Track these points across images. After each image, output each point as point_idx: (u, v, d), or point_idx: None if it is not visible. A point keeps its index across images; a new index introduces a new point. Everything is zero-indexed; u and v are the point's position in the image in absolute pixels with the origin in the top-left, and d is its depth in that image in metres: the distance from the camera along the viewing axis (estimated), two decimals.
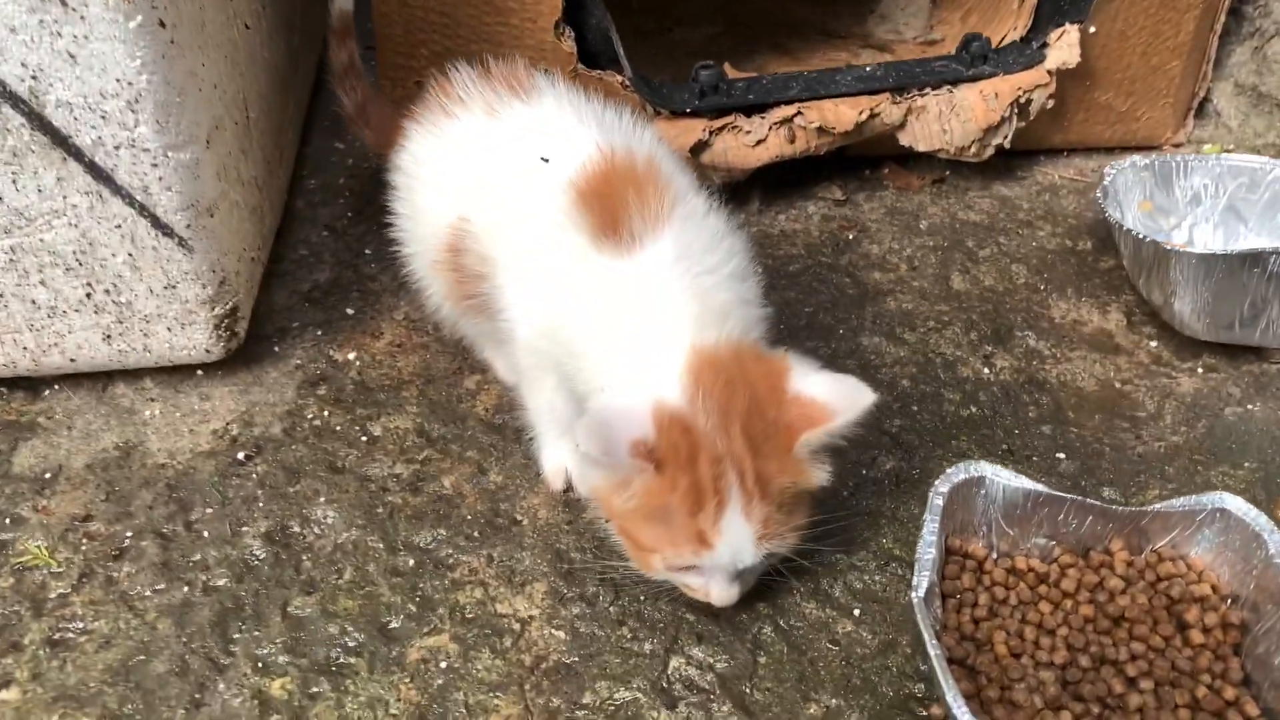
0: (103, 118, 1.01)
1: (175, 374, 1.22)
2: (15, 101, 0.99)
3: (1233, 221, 1.40)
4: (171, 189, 1.06)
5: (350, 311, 1.33)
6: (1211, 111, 1.67)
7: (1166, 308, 1.29)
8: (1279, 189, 1.40)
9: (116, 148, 1.03)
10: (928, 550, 0.89)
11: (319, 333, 1.29)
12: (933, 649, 0.81)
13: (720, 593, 0.92)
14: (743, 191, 1.51)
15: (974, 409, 1.22)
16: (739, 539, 0.87)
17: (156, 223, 1.08)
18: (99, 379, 1.21)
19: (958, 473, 0.95)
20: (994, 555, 0.98)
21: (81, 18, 0.96)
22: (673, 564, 0.90)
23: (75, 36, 0.97)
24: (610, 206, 0.93)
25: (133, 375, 1.22)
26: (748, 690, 0.94)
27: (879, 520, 1.08)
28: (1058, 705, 0.86)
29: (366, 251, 1.42)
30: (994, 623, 0.92)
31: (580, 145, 0.99)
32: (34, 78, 0.98)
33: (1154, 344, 1.31)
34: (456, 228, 1.05)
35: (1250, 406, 1.23)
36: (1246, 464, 1.16)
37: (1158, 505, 0.96)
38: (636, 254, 0.93)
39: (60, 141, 1.02)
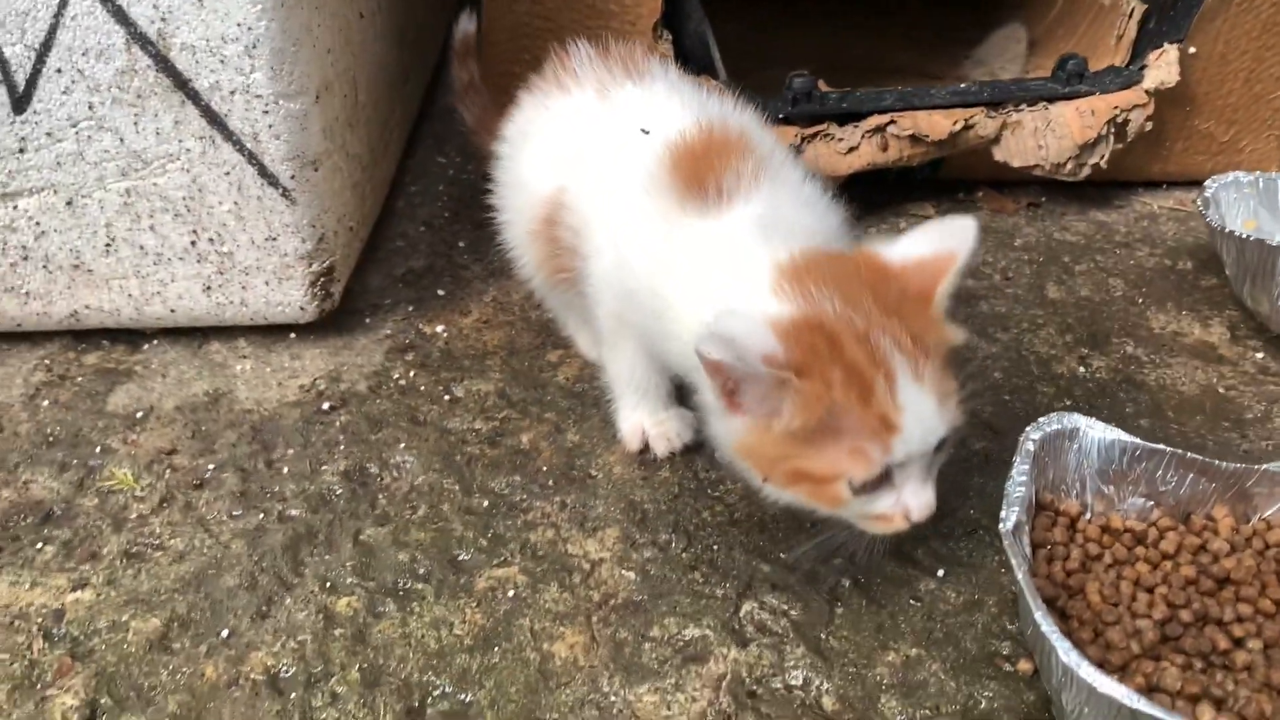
0: (222, 62, 1.07)
1: (269, 335, 1.25)
2: (145, 43, 1.06)
3: None
4: (280, 137, 1.11)
5: (441, 293, 1.35)
6: None
7: (1274, 314, 1.24)
8: None
9: (232, 93, 1.08)
10: (1017, 488, 0.85)
11: (410, 309, 1.32)
12: (1019, 570, 0.77)
13: (920, 495, 0.82)
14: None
15: (1068, 402, 1.18)
16: (922, 408, 0.79)
17: (263, 171, 1.12)
18: (196, 336, 1.25)
19: (1050, 423, 0.92)
20: (1088, 515, 0.93)
21: None
22: (861, 479, 0.80)
23: None
24: (702, 170, 0.93)
25: (228, 334, 1.25)
26: (823, 636, 0.90)
27: (966, 493, 1.04)
28: (1157, 655, 0.80)
29: (460, 244, 1.45)
30: (1086, 575, 0.87)
31: (680, 119, 1.00)
32: (163, 19, 1.04)
33: (1260, 355, 1.26)
34: (553, 199, 1.06)
35: None
36: None
37: (1266, 465, 0.90)
38: (726, 213, 0.93)
39: (181, 85, 1.08)
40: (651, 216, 0.95)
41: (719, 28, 1.44)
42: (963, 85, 1.48)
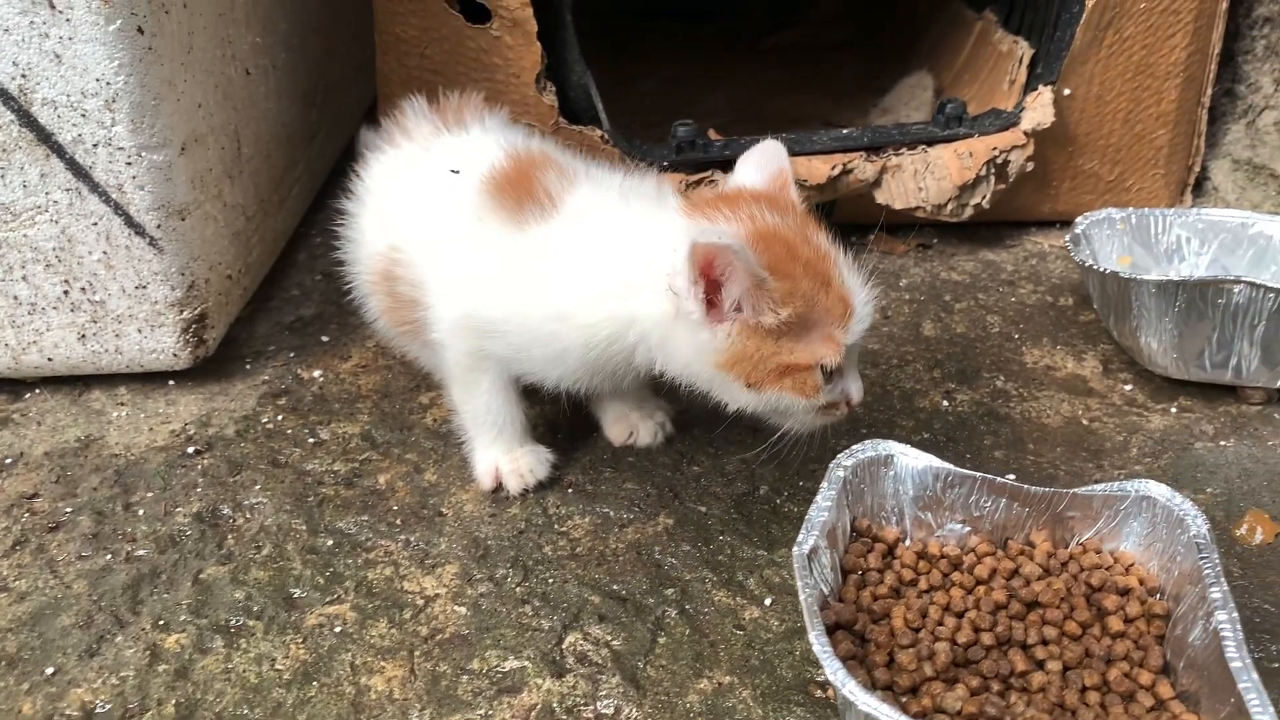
0: (83, 116, 1.10)
1: (149, 382, 1.27)
2: (6, 98, 1.09)
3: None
4: (144, 188, 1.14)
5: (325, 339, 1.37)
6: (1210, 188, 1.66)
7: (1135, 345, 1.26)
8: (1263, 244, 1.37)
9: (95, 145, 1.12)
10: (820, 513, 0.87)
11: (292, 355, 1.34)
12: (803, 593, 0.78)
13: (857, 381, 0.95)
14: None
15: (926, 435, 1.19)
16: (862, 291, 0.92)
17: (129, 221, 1.15)
18: (77, 385, 1.27)
19: (864, 450, 0.93)
20: (906, 541, 0.94)
21: (67, 20, 1.06)
22: (833, 362, 0.90)
23: (61, 38, 1.07)
24: (525, 186, 0.98)
25: (110, 382, 1.27)
26: (641, 666, 0.90)
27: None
28: (954, 678, 0.81)
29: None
30: (895, 601, 0.88)
31: (489, 154, 1.05)
32: (24, 76, 1.08)
33: (1129, 387, 1.28)
34: (387, 255, 1.09)
35: (1223, 442, 1.18)
36: (1210, 489, 1.10)
37: (1076, 489, 0.92)
38: (563, 209, 0.99)
39: (45, 138, 1.11)
40: (491, 241, 0.99)
41: (636, 84, 1.47)
42: (844, 131, 1.51)
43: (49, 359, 1.22)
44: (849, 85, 2.11)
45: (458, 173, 1.04)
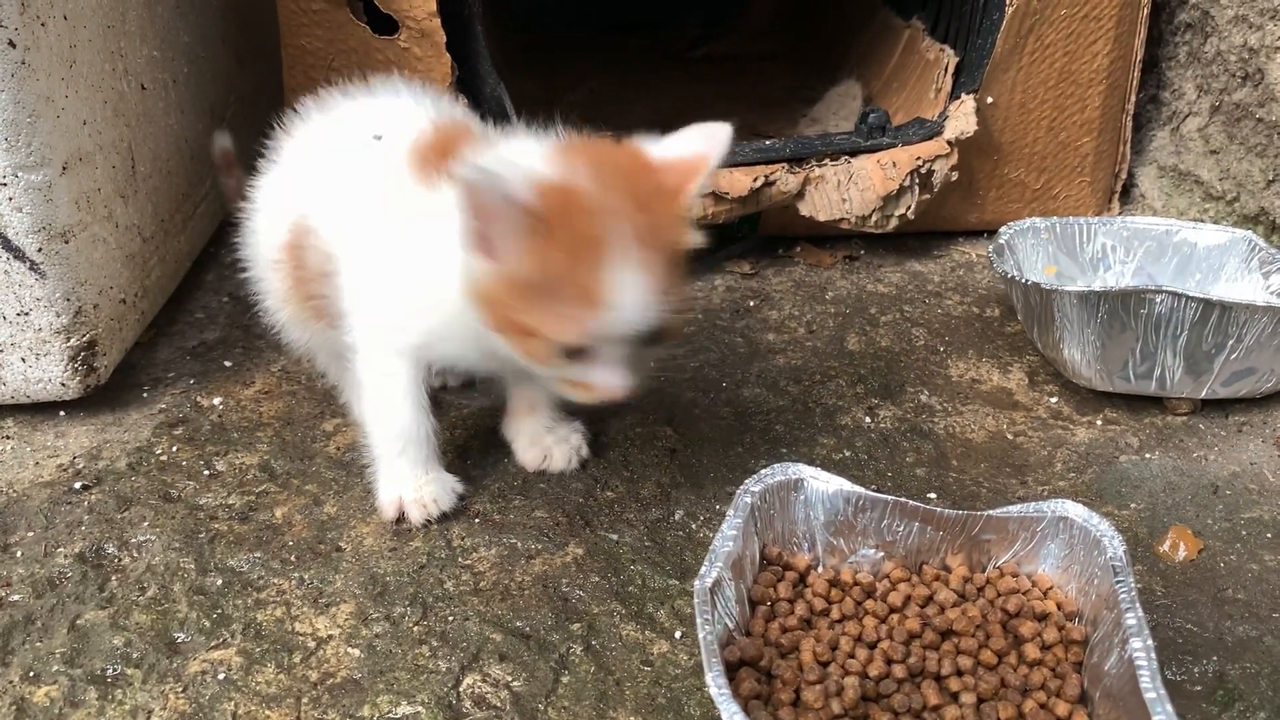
0: None
1: (37, 413, 1.21)
2: None
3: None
4: (22, 210, 1.08)
5: (228, 364, 1.32)
6: (1137, 195, 1.65)
7: (1059, 357, 1.23)
8: (1187, 252, 1.36)
9: None
10: (725, 544, 0.83)
11: (191, 381, 1.28)
12: (702, 630, 0.74)
13: (613, 376, 0.88)
14: None
15: (847, 453, 1.16)
16: (636, 293, 0.84)
17: (7, 245, 1.09)
18: None
19: (773, 474, 0.89)
20: (819, 568, 0.90)
21: None
22: (564, 343, 0.86)
23: None
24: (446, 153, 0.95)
25: None
26: (542, 708, 0.86)
27: None
28: (860, 714, 0.77)
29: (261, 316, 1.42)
30: (805, 633, 0.84)
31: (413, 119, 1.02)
32: None
33: (1054, 400, 1.25)
34: (297, 224, 1.05)
35: (1148, 455, 1.16)
36: (1134, 504, 1.08)
37: (991, 510, 0.88)
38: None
39: None
40: (406, 204, 0.96)
41: (563, 95, 1.43)
42: (767, 142, 1.48)
43: None
44: (778, 96, 2.09)
45: (380, 138, 1.00)
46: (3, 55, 1.03)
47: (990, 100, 1.48)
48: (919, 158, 1.46)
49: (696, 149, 0.90)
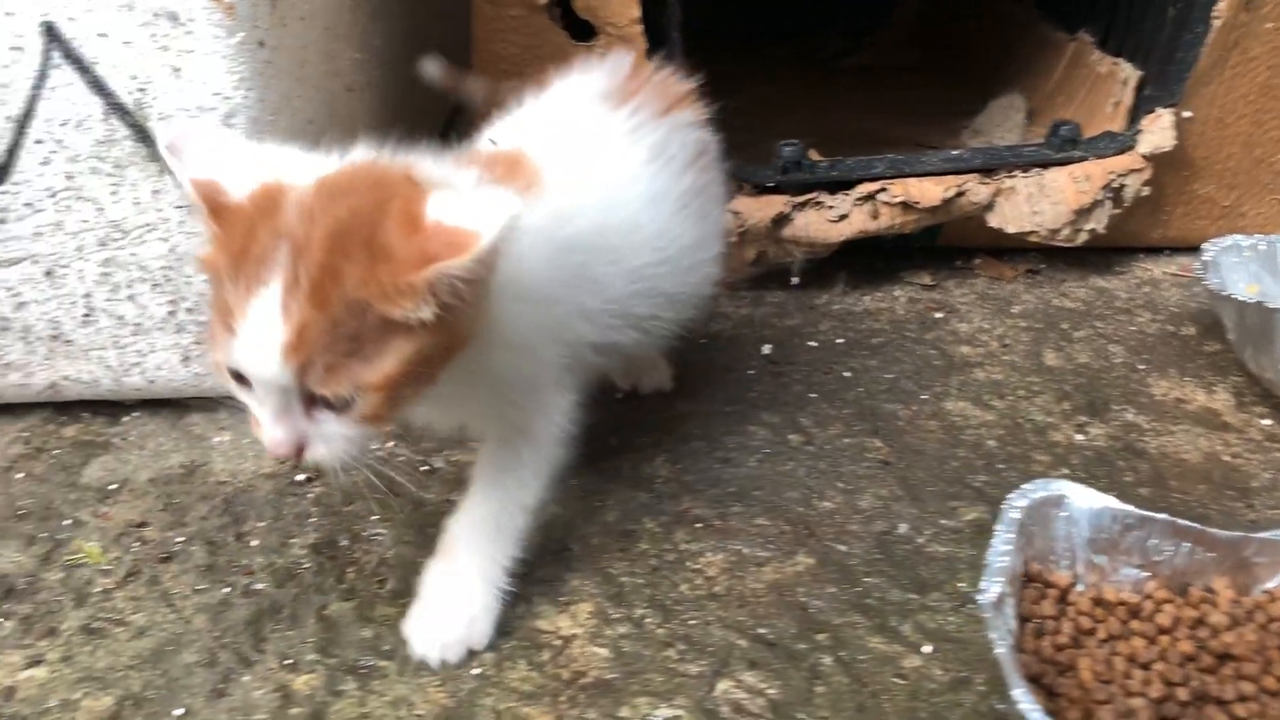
0: None
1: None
2: (122, 113, 1.06)
3: None
4: None
5: None
6: None
7: (1279, 379, 1.20)
8: None
9: None
10: (999, 558, 0.81)
11: None
12: (999, 646, 0.73)
13: (266, 429, 0.77)
14: (828, 272, 1.49)
15: (1066, 470, 1.14)
16: (261, 336, 0.72)
17: None
18: (176, 409, 1.23)
19: (1035, 489, 0.88)
20: (1080, 586, 0.89)
21: (189, 32, 1.03)
22: (211, 353, 0.77)
23: (181, 50, 1.03)
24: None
25: (208, 406, 1.23)
26: (803, 717, 0.85)
27: (955, 565, 1.00)
28: None
29: None
30: (1078, 651, 0.83)
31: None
32: (141, 89, 1.05)
33: (1267, 422, 1.22)
34: None
35: None
36: None
37: (1265, 533, 0.86)
38: None
39: (159, 155, 1.07)
40: None
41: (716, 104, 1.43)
42: (955, 152, 1.47)
43: (150, 381, 1.19)
44: (926, 107, 2.07)
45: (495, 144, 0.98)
46: (253, 55, 1.05)
47: (1188, 115, 1.45)
48: (1112, 172, 1.43)
49: (475, 221, 0.72)
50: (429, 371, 0.77)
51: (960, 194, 1.42)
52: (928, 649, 0.91)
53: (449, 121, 1.75)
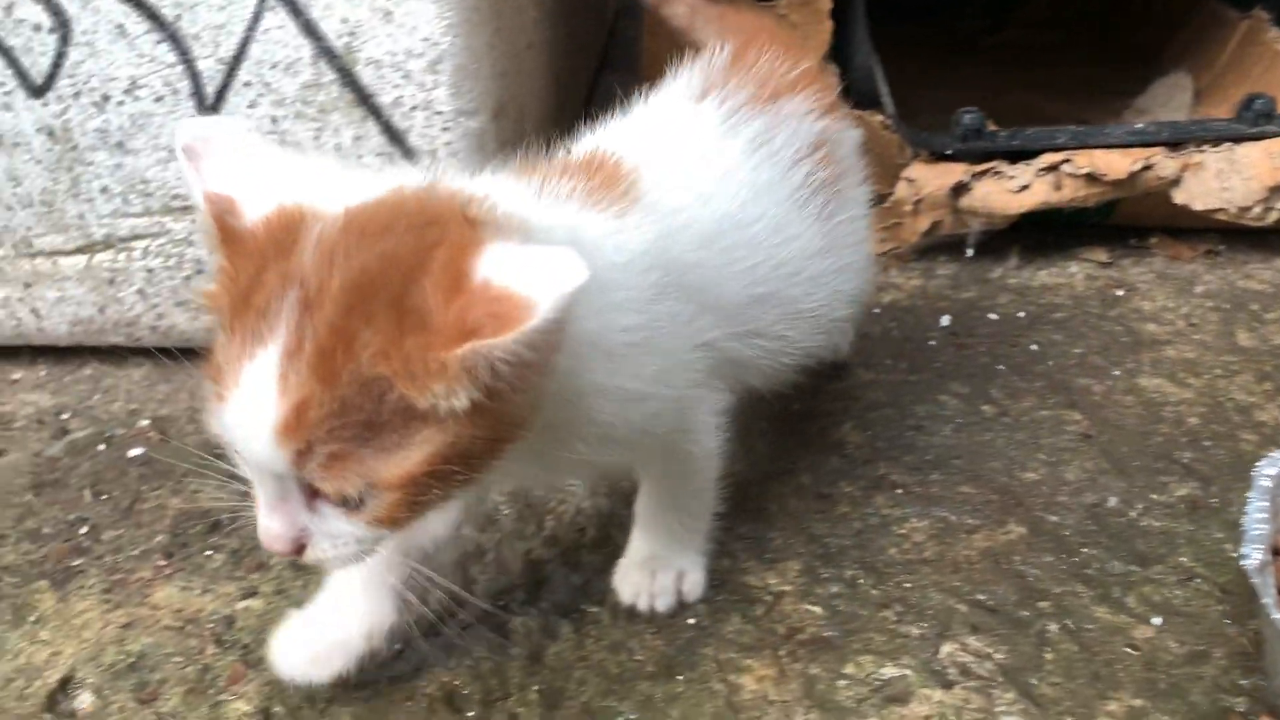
0: (405, 77, 1.07)
1: None
2: (330, 57, 1.06)
3: None
4: (458, 155, 1.10)
5: None
6: None
7: None
8: None
9: (413, 109, 1.08)
10: (1256, 525, 0.78)
11: None
12: (1274, 611, 0.69)
13: (261, 516, 0.63)
14: (1001, 245, 1.45)
15: (1277, 451, 1.09)
16: (252, 409, 0.58)
17: None
18: None
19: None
20: None
21: None
22: (209, 414, 0.63)
23: None
24: None
25: None
26: (1034, 682, 0.83)
27: (1174, 539, 0.96)
28: None
29: None
30: None
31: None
32: (351, 33, 1.05)
33: None
34: None
35: None
36: None
37: None
38: None
39: (364, 99, 1.08)
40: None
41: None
42: (1139, 125, 1.42)
43: None
44: (1079, 86, 2.01)
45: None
46: (461, 2, 1.05)
47: None
48: None
49: (532, 287, 0.56)
50: (467, 471, 0.62)
51: (1147, 168, 1.37)
52: (1157, 620, 0.88)
53: (591, 85, 1.75)
